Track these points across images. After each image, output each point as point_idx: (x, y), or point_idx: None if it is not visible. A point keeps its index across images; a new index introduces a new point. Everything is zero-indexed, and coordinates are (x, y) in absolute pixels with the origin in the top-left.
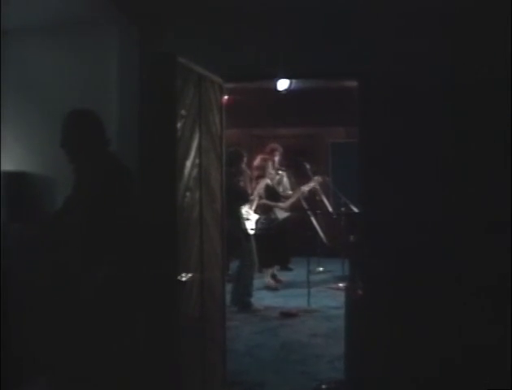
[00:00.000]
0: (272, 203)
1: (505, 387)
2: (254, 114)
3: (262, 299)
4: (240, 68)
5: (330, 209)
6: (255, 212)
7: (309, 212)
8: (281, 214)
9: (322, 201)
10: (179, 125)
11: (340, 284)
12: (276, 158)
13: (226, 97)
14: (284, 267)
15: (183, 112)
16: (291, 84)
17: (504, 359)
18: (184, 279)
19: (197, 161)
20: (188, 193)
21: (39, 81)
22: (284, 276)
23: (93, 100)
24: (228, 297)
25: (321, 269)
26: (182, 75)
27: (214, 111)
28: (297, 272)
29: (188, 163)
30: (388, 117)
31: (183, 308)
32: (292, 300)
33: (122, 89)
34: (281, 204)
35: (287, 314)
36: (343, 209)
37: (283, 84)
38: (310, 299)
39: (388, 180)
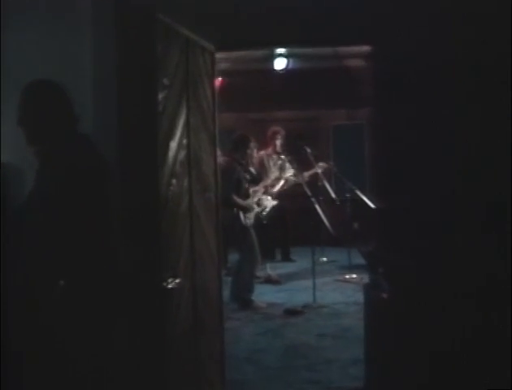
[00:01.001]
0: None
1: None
2: (251, 96)
3: (263, 294)
4: (236, 33)
5: (333, 195)
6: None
7: (312, 199)
8: (269, 203)
9: (324, 187)
10: (160, 97)
11: (347, 276)
12: (278, 142)
13: (219, 79)
14: (286, 259)
15: (165, 81)
16: (289, 63)
17: None
18: (170, 285)
19: (185, 141)
20: (174, 181)
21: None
22: (286, 268)
23: (65, 72)
24: (227, 294)
25: (325, 259)
26: (164, 37)
27: (204, 83)
28: (300, 263)
29: (174, 144)
30: (406, 99)
31: (170, 320)
32: (297, 295)
33: (96, 58)
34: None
35: (291, 312)
36: (348, 195)
37: (280, 63)
38: (316, 293)
39: (408, 172)
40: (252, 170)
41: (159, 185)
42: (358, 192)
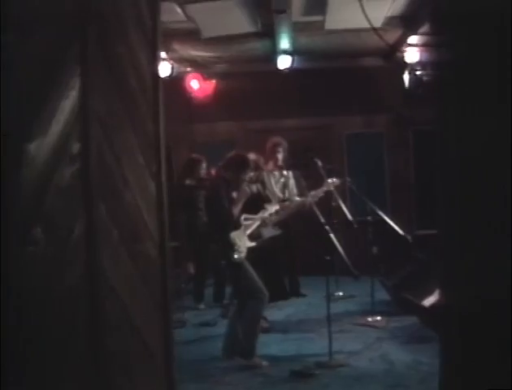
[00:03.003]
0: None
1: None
2: (250, 102)
3: (264, 345)
4: None
5: (350, 217)
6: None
7: (327, 227)
8: (267, 232)
9: (339, 208)
10: None
11: (370, 318)
12: (280, 156)
13: (212, 81)
14: (295, 293)
15: None
16: (294, 61)
17: None
18: None
19: (75, 147)
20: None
21: None
22: (295, 306)
23: None
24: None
25: (341, 293)
26: None
27: (131, 41)
28: (312, 298)
29: (46, 150)
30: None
31: None
32: (307, 345)
33: None
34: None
35: (300, 375)
36: (369, 218)
37: (284, 62)
38: (332, 343)
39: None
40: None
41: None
42: (382, 214)
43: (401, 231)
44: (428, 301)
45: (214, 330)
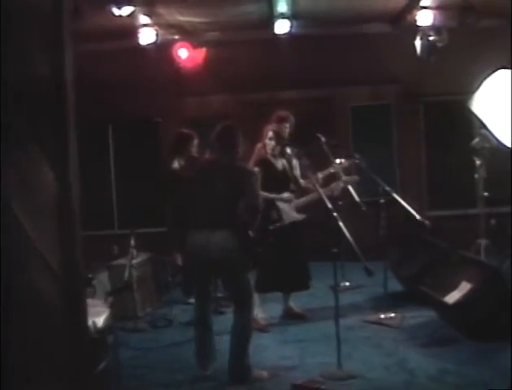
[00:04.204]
0: (269, 195)
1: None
2: (245, 73)
3: (264, 349)
4: None
5: (357, 198)
6: None
7: (335, 214)
8: (289, 215)
9: (346, 189)
10: None
11: (382, 315)
12: (287, 131)
13: (202, 49)
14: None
15: None
16: (293, 25)
17: None
18: None
19: None
20: None
21: None
22: (297, 299)
23: None
24: None
25: (347, 284)
26: None
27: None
28: (316, 290)
29: None
30: None
31: None
32: (312, 349)
33: None
34: (286, 195)
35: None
36: (382, 200)
37: (282, 26)
38: (341, 347)
39: None
40: None
41: None
42: (396, 196)
43: (417, 216)
44: (452, 297)
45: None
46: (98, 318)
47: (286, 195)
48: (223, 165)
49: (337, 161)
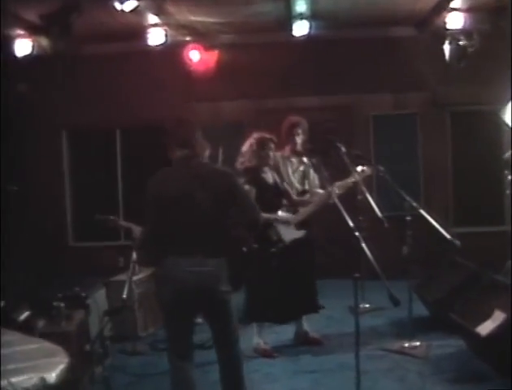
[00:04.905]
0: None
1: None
2: (260, 78)
3: (272, 379)
4: None
5: (379, 214)
6: None
7: (357, 234)
8: (289, 234)
9: (366, 202)
10: None
11: (406, 344)
12: (299, 139)
13: (214, 51)
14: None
15: None
16: (312, 27)
17: None
18: None
19: None
20: None
21: None
22: (312, 321)
23: None
24: None
25: (367, 305)
26: None
27: None
28: (332, 311)
29: None
30: None
31: None
32: (327, 382)
33: None
34: (284, 215)
35: None
36: (409, 218)
37: (301, 28)
38: (361, 382)
39: None
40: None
41: None
42: (423, 212)
43: (447, 235)
44: (485, 328)
45: (210, 355)
46: (50, 372)
47: (284, 215)
48: (199, 172)
49: (359, 168)
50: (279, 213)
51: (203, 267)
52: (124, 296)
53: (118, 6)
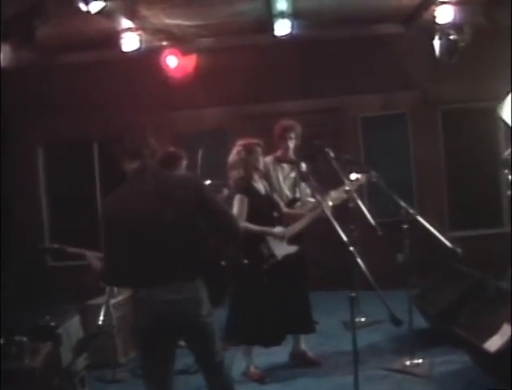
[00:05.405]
0: (257, 228)
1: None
2: (243, 82)
3: None
4: None
5: (372, 222)
6: None
7: (351, 249)
8: (281, 249)
9: (358, 210)
10: None
11: (408, 362)
12: (292, 144)
13: (192, 55)
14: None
15: None
16: (294, 26)
17: None
18: None
19: None
20: None
21: None
22: (304, 338)
23: None
24: None
25: (363, 319)
26: None
27: None
28: (327, 327)
29: None
30: None
31: None
32: None
33: None
34: (277, 230)
35: None
36: (406, 226)
37: (282, 28)
38: None
39: None
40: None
41: None
42: (421, 219)
43: (448, 243)
44: (493, 344)
45: (195, 380)
46: None
47: (278, 230)
48: (158, 185)
49: (352, 177)
50: (277, 229)
51: (180, 295)
52: (100, 322)
53: (83, 7)
